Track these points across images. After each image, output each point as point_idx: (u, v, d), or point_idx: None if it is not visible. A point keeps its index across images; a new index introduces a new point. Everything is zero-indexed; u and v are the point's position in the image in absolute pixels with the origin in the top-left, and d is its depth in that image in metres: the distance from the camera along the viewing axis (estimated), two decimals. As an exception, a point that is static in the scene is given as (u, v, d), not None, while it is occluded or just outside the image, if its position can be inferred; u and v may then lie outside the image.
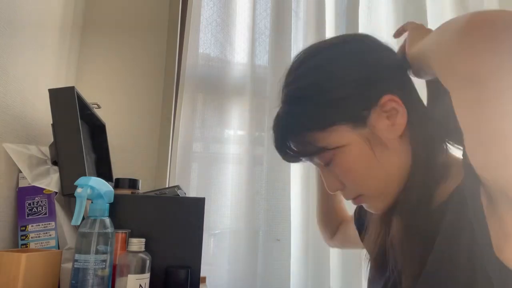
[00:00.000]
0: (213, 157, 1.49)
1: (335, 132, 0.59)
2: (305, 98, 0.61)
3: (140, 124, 1.47)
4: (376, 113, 0.59)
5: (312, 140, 0.60)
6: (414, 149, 0.59)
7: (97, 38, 1.49)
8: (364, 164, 0.59)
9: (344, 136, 0.59)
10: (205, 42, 1.55)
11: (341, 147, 0.59)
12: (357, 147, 0.59)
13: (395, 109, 0.58)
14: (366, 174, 0.60)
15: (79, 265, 0.66)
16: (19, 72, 0.96)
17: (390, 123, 0.58)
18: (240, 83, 1.54)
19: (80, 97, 0.94)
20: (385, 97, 0.58)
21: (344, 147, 0.59)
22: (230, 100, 1.52)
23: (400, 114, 0.58)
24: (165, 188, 0.98)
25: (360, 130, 0.59)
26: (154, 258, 0.77)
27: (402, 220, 0.60)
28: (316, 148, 0.60)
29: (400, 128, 0.58)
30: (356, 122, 0.59)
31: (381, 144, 0.58)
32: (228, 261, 1.40)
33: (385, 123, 0.58)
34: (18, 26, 0.95)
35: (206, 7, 1.57)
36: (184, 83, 1.48)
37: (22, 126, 0.98)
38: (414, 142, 0.59)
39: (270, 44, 1.56)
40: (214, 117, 1.51)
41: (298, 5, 1.64)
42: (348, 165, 0.60)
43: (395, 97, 0.58)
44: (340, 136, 0.59)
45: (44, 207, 0.88)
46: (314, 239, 1.44)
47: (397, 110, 0.58)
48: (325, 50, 0.64)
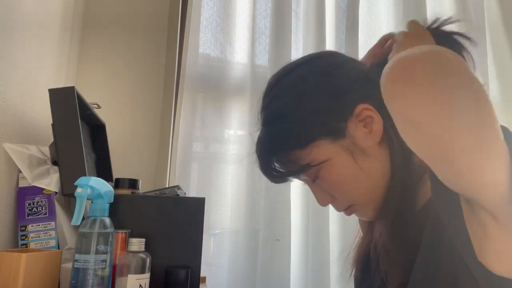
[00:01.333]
0: (213, 157, 1.49)
1: (316, 147, 0.60)
2: (282, 118, 0.62)
3: (140, 124, 1.47)
4: (353, 123, 0.60)
5: (295, 158, 0.62)
6: (391, 153, 0.60)
7: (97, 38, 1.49)
8: (349, 174, 0.61)
9: (326, 151, 0.60)
10: (205, 42, 1.55)
11: (324, 162, 0.60)
12: (340, 159, 0.60)
13: (370, 116, 0.60)
14: (353, 184, 0.61)
15: (79, 265, 0.66)
16: (19, 72, 0.96)
17: (368, 131, 0.60)
18: (240, 83, 1.54)
19: (80, 97, 0.94)
20: (359, 107, 0.60)
21: (327, 161, 0.60)
22: (230, 100, 1.52)
23: (376, 120, 0.59)
24: (165, 188, 0.98)
25: (340, 142, 0.60)
26: (154, 258, 0.77)
27: (385, 224, 0.62)
28: (300, 166, 0.62)
29: (378, 134, 0.60)
30: (335, 134, 0.60)
31: (363, 153, 0.60)
32: (228, 261, 1.40)
33: (363, 131, 0.60)
34: (18, 26, 0.95)
35: (206, 7, 1.57)
36: (184, 83, 1.48)
37: (22, 126, 0.98)
38: (390, 146, 0.60)
39: (270, 44, 1.56)
40: (214, 117, 1.51)
41: (298, 5, 1.64)
42: (335, 178, 0.61)
43: (368, 105, 0.60)
44: (322, 151, 0.60)
45: (44, 207, 0.88)
46: (314, 239, 1.44)
47: (372, 117, 0.60)
48: (296, 69, 0.66)
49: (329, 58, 0.68)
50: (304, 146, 0.61)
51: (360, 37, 1.63)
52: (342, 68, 0.64)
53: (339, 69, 0.64)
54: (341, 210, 0.65)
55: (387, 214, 0.61)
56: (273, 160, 0.64)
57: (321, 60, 0.67)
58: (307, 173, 0.63)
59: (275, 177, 0.65)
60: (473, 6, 1.72)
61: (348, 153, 0.60)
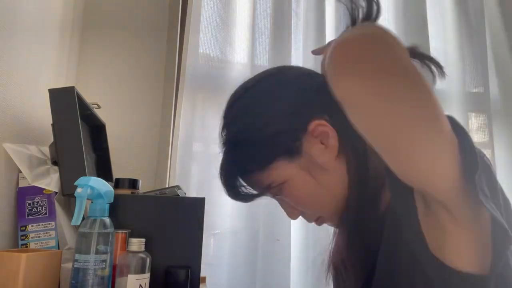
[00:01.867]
0: (213, 157, 1.49)
1: (275, 169, 0.61)
2: (240, 141, 0.63)
3: (140, 124, 1.47)
4: (308, 141, 0.60)
5: (256, 181, 0.63)
6: (347, 165, 0.61)
7: (97, 38, 1.49)
8: (309, 192, 0.62)
9: (285, 171, 0.61)
10: (205, 42, 1.55)
11: (285, 182, 0.61)
12: (298, 178, 0.61)
13: (325, 132, 0.60)
14: (315, 199, 0.62)
15: (79, 265, 0.66)
16: (19, 72, 0.96)
17: (324, 146, 0.60)
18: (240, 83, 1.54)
19: (80, 97, 0.94)
20: (312, 123, 0.60)
21: (287, 182, 0.61)
22: (230, 100, 1.52)
23: (331, 135, 0.60)
24: (165, 188, 0.97)
25: (297, 161, 0.61)
26: (154, 258, 0.77)
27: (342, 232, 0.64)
28: (262, 188, 0.63)
29: (334, 148, 0.60)
30: (291, 154, 0.61)
31: (321, 169, 0.60)
32: (228, 261, 1.40)
33: (319, 147, 0.60)
34: (18, 26, 0.95)
35: (206, 7, 1.57)
36: (184, 83, 1.48)
37: (22, 126, 0.98)
38: (346, 158, 0.61)
39: (270, 44, 1.56)
40: (214, 117, 1.50)
41: (298, 5, 1.64)
42: (296, 196, 0.63)
43: (322, 121, 0.60)
44: (281, 172, 0.61)
45: (44, 207, 0.88)
46: (314, 239, 1.44)
47: (327, 132, 0.60)
48: (251, 88, 0.67)
49: (282, 75, 0.68)
50: (263, 168, 0.62)
51: (360, 37, 1.62)
52: (295, 85, 0.65)
53: (292, 86, 0.64)
54: (311, 222, 0.68)
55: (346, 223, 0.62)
56: (237, 183, 0.65)
57: (275, 78, 0.67)
58: (270, 192, 0.64)
59: (243, 199, 0.66)
60: (473, 6, 1.72)
61: (305, 171, 0.61)
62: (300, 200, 0.63)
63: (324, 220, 0.66)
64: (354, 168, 0.60)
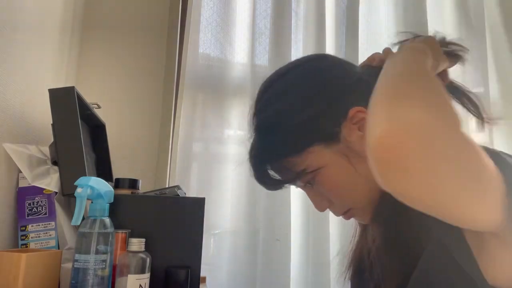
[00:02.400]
0: (213, 157, 1.49)
1: (311, 154, 0.59)
2: (275, 125, 0.61)
3: (140, 124, 1.47)
4: (347, 127, 0.59)
5: (290, 166, 0.61)
6: None
7: (97, 38, 1.49)
8: (346, 179, 0.60)
9: (321, 157, 0.59)
10: (205, 42, 1.55)
11: (320, 168, 0.59)
12: (336, 164, 0.59)
13: (365, 119, 0.58)
14: (351, 188, 0.60)
15: (79, 265, 0.66)
16: (19, 72, 0.96)
17: (362, 134, 0.58)
18: (240, 83, 1.54)
19: (80, 97, 0.94)
20: (352, 110, 0.59)
21: (323, 167, 0.59)
22: (230, 100, 1.52)
23: None
24: (165, 188, 0.97)
25: (335, 147, 0.59)
26: (154, 258, 0.77)
27: (378, 228, 0.61)
28: (295, 173, 0.61)
29: None
30: (329, 140, 0.59)
31: (358, 156, 0.59)
32: (228, 261, 1.40)
33: (358, 134, 0.59)
34: (18, 26, 0.94)
35: (206, 7, 1.57)
36: (184, 83, 1.48)
37: (22, 126, 0.98)
38: None
39: (270, 44, 1.56)
40: (214, 117, 1.51)
41: (298, 5, 1.64)
42: (331, 183, 0.61)
43: (361, 108, 0.58)
44: (317, 157, 0.59)
45: (44, 207, 0.88)
46: (314, 239, 1.44)
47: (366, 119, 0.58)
48: (287, 73, 0.65)
49: (321, 62, 0.67)
50: (298, 153, 0.60)
51: (360, 37, 1.62)
52: (333, 72, 0.63)
53: (330, 73, 0.63)
54: (339, 214, 0.65)
55: (380, 218, 0.60)
56: (267, 168, 0.63)
57: (312, 64, 0.66)
58: (303, 179, 0.62)
59: (270, 184, 0.64)
60: (473, 7, 1.72)
61: (343, 157, 0.59)
62: (336, 188, 0.61)
63: (354, 213, 0.63)
64: None
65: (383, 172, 0.41)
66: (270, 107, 0.63)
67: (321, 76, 0.63)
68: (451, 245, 0.49)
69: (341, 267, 0.72)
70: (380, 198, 0.59)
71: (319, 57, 0.69)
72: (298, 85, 0.63)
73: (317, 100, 0.60)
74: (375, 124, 0.42)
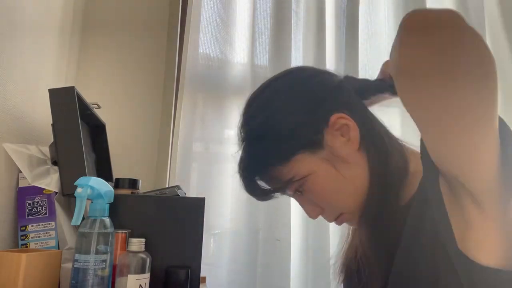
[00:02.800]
0: (213, 157, 1.49)
1: (297, 162, 0.61)
2: (260, 136, 0.64)
3: (140, 124, 1.47)
4: (330, 133, 0.61)
5: (277, 175, 0.63)
6: (368, 157, 0.61)
7: (97, 38, 1.49)
8: (333, 185, 0.61)
9: (307, 164, 0.61)
10: (205, 42, 1.55)
11: (307, 176, 0.61)
12: (322, 170, 0.61)
13: (346, 124, 0.61)
14: (338, 193, 0.62)
15: (79, 265, 0.66)
16: (19, 72, 0.96)
17: (345, 139, 0.61)
18: (240, 83, 1.54)
19: (80, 97, 0.94)
20: (333, 116, 0.61)
21: (310, 175, 0.61)
22: (230, 100, 1.52)
23: (352, 127, 0.61)
24: (165, 188, 0.97)
25: (320, 154, 0.61)
26: (154, 258, 0.77)
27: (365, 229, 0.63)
28: (283, 182, 0.63)
29: (356, 141, 0.61)
30: (313, 147, 0.61)
31: (343, 161, 0.61)
32: (228, 261, 1.40)
33: (341, 140, 0.61)
34: (18, 26, 0.94)
35: (206, 7, 1.57)
36: (184, 83, 1.48)
37: (22, 126, 0.98)
38: (367, 151, 0.61)
39: (270, 44, 1.56)
40: (214, 117, 1.51)
41: (298, 5, 1.64)
42: (319, 190, 0.62)
43: (342, 114, 0.61)
44: (303, 165, 0.61)
45: (44, 207, 0.88)
46: (314, 239, 1.44)
47: (348, 125, 0.61)
48: (268, 87, 0.68)
49: (299, 73, 0.69)
50: (285, 161, 0.62)
51: (360, 37, 1.62)
52: (313, 81, 0.66)
53: (310, 82, 0.65)
54: (331, 220, 0.66)
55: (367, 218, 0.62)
56: (256, 179, 0.65)
57: (292, 76, 0.68)
58: (291, 188, 0.64)
59: (259, 195, 0.66)
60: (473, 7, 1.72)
61: (329, 163, 0.61)
62: (324, 194, 0.63)
63: (345, 218, 0.65)
64: (375, 162, 0.60)
65: (407, 32, 0.43)
66: (255, 119, 0.65)
67: (301, 86, 0.65)
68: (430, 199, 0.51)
69: (334, 271, 0.74)
70: (367, 200, 0.61)
71: (298, 69, 0.72)
72: (279, 97, 0.65)
73: (298, 109, 0.63)
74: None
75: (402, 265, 0.55)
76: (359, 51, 1.60)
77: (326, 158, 0.61)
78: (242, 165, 0.66)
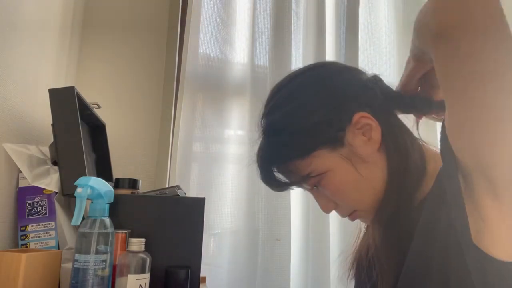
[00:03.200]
0: (213, 157, 1.49)
1: (316, 158, 0.61)
2: (281, 128, 0.63)
3: (140, 124, 1.47)
4: (351, 132, 0.61)
5: (295, 169, 0.63)
6: (388, 158, 0.61)
7: (97, 38, 1.49)
8: (350, 183, 0.61)
9: (326, 161, 0.61)
10: (205, 42, 1.55)
11: (325, 172, 0.61)
12: (340, 168, 0.61)
13: (368, 124, 0.60)
14: (355, 191, 0.62)
15: (79, 265, 0.66)
16: (19, 72, 0.96)
17: (366, 138, 0.61)
18: (240, 83, 1.54)
19: (80, 97, 0.94)
20: (356, 115, 0.60)
21: (328, 171, 0.61)
22: (230, 100, 1.52)
23: (374, 128, 0.60)
24: (165, 188, 0.97)
25: (339, 151, 0.61)
26: (154, 258, 0.77)
27: (378, 228, 0.63)
28: (301, 177, 0.63)
29: (377, 141, 0.61)
30: (334, 144, 0.61)
31: (362, 161, 0.61)
32: (228, 261, 1.40)
33: (362, 139, 0.61)
34: (18, 26, 0.94)
35: (206, 7, 1.57)
36: (184, 83, 1.48)
37: (22, 126, 0.98)
38: (388, 151, 0.61)
39: (270, 44, 1.56)
40: (214, 117, 1.51)
41: (298, 5, 1.64)
42: (336, 187, 0.62)
43: (365, 114, 0.60)
44: (322, 161, 0.61)
45: (44, 207, 0.88)
46: (314, 239, 1.44)
47: (370, 124, 0.60)
48: (295, 79, 0.67)
49: (327, 68, 0.69)
50: (303, 156, 0.61)
51: (360, 37, 1.63)
52: (339, 78, 0.65)
53: (337, 79, 0.65)
54: (345, 216, 0.66)
55: (381, 218, 0.62)
56: (274, 170, 0.65)
57: (320, 70, 0.68)
58: (308, 182, 0.64)
59: (276, 186, 0.66)
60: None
61: (347, 161, 0.61)
62: (340, 191, 0.62)
63: (359, 215, 0.65)
64: (395, 162, 0.60)
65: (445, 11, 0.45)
66: (278, 110, 0.65)
67: (327, 82, 0.65)
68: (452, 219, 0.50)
69: (344, 266, 0.74)
70: (383, 199, 0.61)
71: (325, 64, 0.72)
72: (304, 90, 0.64)
73: (322, 105, 0.62)
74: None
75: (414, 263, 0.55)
76: (359, 51, 1.60)
77: (345, 156, 0.61)
78: (261, 154, 0.65)
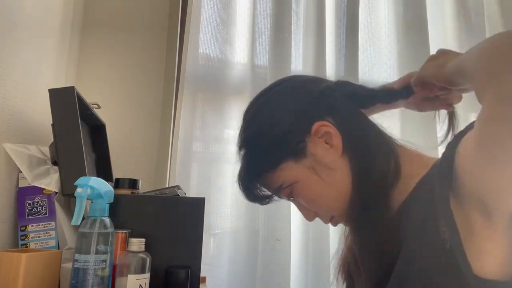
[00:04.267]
0: (213, 157, 1.49)
1: (283, 170, 0.64)
2: (253, 144, 0.67)
3: (140, 124, 1.47)
4: (312, 142, 0.63)
5: (269, 181, 0.66)
6: (350, 163, 0.62)
7: (97, 38, 1.49)
8: (318, 190, 0.63)
9: (292, 172, 0.63)
10: (205, 42, 1.55)
11: (294, 183, 0.64)
12: (306, 178, 0.63)
13: (328, 132, 0.62)
14: (323, 199, 0.64)
15: (79, 265, 0.66)
16: (19, 72, 0.96)
17: (329, 146, 0.62)
18: (240, 83, 1.54)
19: (80, 97, 0.94)
20: (315, 124, 0.62)
21: (297, 182, 0.64)
22: (230, 100, 1.52)
23: (334, 135, 0.62)
24: (165, 188, 0.97)
25: (303, 162, 0.63)
26: (154, 258, 0.77)
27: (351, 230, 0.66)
28: (274, 189, 0.66)
29: (338, 147, 0.62)
30: (296, 156, 0.63)
31: (327, 168, 0.62)
32: (228, 261, 1.40)
33: (324, 147, 0.62)
34: (18, 26, 0.94)
35: (206, 7, 1.57)
36: (184, 83, 1.48)
37: (22, 126, 0.98)
38: (349, 156, 0.62)
39: (270, 44, 1.56)
40: (214, 117, 1.51)
41: (298, 5, 1.64)
42: (306, 196, 0.65)
43: (324, 122, 0.62)
44: (288, 173, 0.64)
45: (44, 207, 0.88)
46: (314, 239, 1.44)
47: (330, 132, 0.62)
48: (264, 94, 0.70)
49: (292, 81, 0.71)
50: (272, 170, 0.64)
51: (360, 37, 1.62)
52: (300, 91, 0.68)
53: (298, 92, 0.67)
54: (327, 222, 0.68)
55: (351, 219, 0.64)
56: (252, 186, 0.68)
57: (284, 84, 0.70)
58: (283, 193, 0.66)
59: (259, 200, 0.69)
60: (473, 6, 1.72)
61: (312, 171, 0.63)
62: (311, 200, 0.65)
63: (337, 220, 0.67)
64: (357, 167, 0.62)
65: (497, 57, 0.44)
66: (249, 128, 0.68)
67: (288, 96, 0.67)
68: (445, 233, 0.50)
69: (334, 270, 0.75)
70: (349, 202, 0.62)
71: (292, 78, 0.73)
72: (267, 106, 0.68)
73: (284, 119, 0.65)
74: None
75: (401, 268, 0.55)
76: (359, 51, 1.60)
77: (309, 166, 0.63)
78: (240, 174, 0.68)
